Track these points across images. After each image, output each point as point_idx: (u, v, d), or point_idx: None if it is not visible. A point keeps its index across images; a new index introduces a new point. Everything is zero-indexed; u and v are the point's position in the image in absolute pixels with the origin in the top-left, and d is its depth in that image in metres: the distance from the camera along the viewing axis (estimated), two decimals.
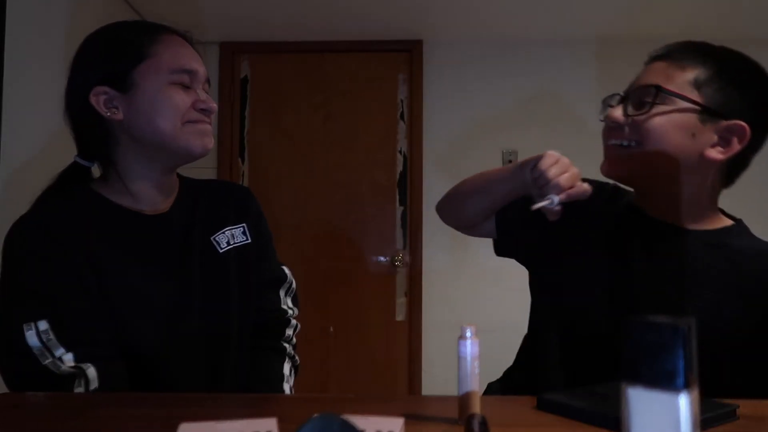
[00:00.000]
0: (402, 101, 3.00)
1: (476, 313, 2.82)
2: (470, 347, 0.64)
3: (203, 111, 0.95)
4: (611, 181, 1.00)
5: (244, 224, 1.08)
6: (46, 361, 0.82)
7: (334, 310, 2.92)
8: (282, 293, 1.12)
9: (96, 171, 1.00)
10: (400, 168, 3.00)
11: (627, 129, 0.90)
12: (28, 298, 0.85)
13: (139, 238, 0.95)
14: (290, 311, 1.12)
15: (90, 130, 0.95)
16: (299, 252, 2.91)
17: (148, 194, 0.98)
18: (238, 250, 1.04)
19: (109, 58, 0.92)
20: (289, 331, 1.11)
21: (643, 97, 0.89)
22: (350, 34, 2.91)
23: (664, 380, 0.43)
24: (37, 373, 0.82)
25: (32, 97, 1.83)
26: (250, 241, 1.07)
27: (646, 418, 0.44)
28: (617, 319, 0.90)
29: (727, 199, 0.99)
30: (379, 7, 2.63)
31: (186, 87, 0.93)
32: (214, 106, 0.96)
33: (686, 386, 0.43)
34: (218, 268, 1.01)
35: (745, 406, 0.71)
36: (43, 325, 0.83)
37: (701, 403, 0.46)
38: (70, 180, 0.98)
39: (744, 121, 0.87)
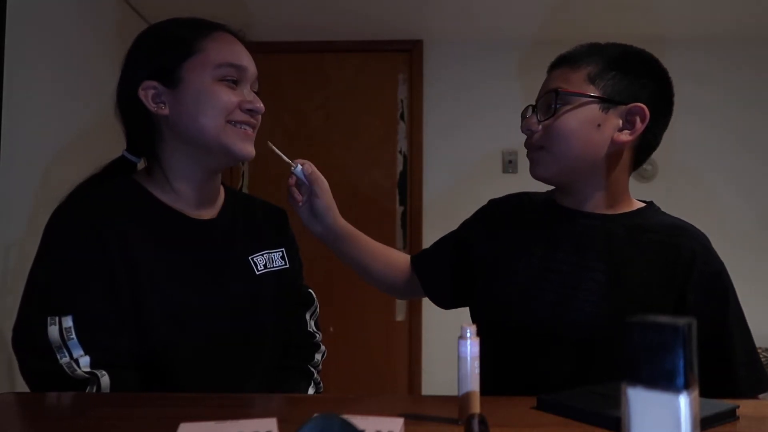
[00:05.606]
0: (402, 101, 3.00)
1: None
2: (470, 347, 0.64)
3: (250, 111, 0.93)
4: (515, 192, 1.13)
5: (282, 249, 1.08)
6: (63, 360, 0.80)
7: (334, 310, 2.91)
8: (308, 316, 1.13)
9: (140, 164, 0.99)
10: (400, 168, 2.99)
11: (540, 134, 1.00)
12: (58, 292, 0.83)
13: (181, 240, 0.94)
14: (317, 335, 1.13)
15: (138, 125, 0.94)
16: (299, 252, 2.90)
17: (190, 195, 0.96)
18: (276, 274, 1.04)
19: (159, 53, 0.92)
20: (318, 356, 1.12)
21: (548, 102, 0.98)
22: (350, 34, 2.91)
23: (664, 380, 0.43)
24: (52, 373, 0.80)
25: (34, 97, 1.84)
26: (288, 266, 1.08)
27: (646, 418, 0.44)
28: (563, 317, 0.93)
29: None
30: (379, 7, 2.63)
31: (234, 83, 0.92)
32: (261, 106, 0.94)
33: (686, 386, 0.43)
34: (252, 288, 0.99)
35: (745, 406, 0.71)
36: (67, 321, 0.81)
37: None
38: (116, 173, 0.97)
39: (641, 102, 0.95)
